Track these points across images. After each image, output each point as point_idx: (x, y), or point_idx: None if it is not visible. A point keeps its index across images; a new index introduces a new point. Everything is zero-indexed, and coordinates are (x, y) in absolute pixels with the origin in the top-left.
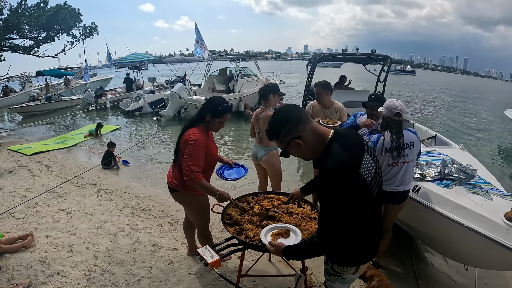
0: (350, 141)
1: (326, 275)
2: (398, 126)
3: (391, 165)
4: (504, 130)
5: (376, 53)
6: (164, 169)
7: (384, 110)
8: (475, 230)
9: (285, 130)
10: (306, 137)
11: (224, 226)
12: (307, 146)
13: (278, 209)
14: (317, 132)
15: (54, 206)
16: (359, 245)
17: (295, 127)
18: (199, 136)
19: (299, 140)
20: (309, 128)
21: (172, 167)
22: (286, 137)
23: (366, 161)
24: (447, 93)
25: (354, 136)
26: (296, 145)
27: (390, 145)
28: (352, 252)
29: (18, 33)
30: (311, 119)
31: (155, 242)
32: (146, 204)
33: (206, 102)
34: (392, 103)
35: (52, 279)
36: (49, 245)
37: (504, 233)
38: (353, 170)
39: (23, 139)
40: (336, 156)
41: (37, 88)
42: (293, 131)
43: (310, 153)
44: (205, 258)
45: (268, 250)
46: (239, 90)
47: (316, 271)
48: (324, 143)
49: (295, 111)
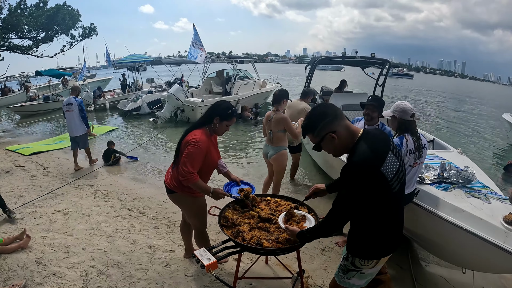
0: (377, 141)
1: (341, 273)
2: (415, 126)
3: (412, 166)
4: (502, 133)
5: (375, 57)
6: (160, 170)
7: (399, 114)
8: (474, 233)
9: (322, 124)
10: (340, 132)
11: (221, 228)
12: (340, 141)
13: (275, 211)
14: (349, 129)
15: (51, 206)
16: (380, 236)
17: (331, 122)
18: (202, 138)
19: (334, 134)
20: (343, 124)
21: (171, 168)
22: (322, 131)
23: (390, 159)
24: (444, 96)
25: (382, 136)
26: (330, 139)
27: (413, 146)
28: (373, 243)
29: (17, 33)
30: (345, 117)
31: (151, 244)
32: (143, 206)
33: (215, 105)
34: (405, 105)
35: (48, 280)
36: (46, 246)
37: (502, 236)
38: (375, 169)
39: (20, 139)
40: (362, 154)
41: (35, 88)
42: (329, 126)
43: (342, 149)
44: (202, 261)
45: (265, 253)
46: (236, 92)
47: (313, 274)
48: (353, 140)
49: (332, 108)
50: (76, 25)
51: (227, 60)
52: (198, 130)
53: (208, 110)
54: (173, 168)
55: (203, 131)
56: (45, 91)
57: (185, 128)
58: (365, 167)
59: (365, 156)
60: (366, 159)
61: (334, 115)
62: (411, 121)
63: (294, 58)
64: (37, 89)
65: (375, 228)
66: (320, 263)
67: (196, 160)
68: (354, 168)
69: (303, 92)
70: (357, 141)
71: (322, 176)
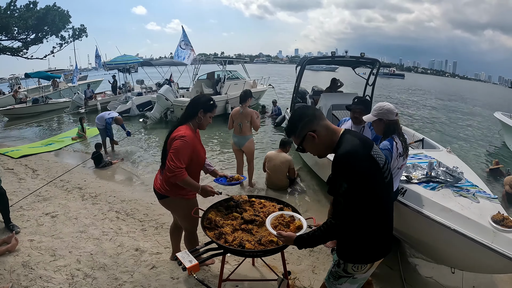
0: (360, 136)
1: (332, 279)
2: (399, 127)
3: (400, 168)
4: (493, 132)
5: (365, 57)
6: (149, 171)
7: (385, 115)
8: (462, 233)
9: (301, 125)
10: (319, 131)
11: (203, 230)
12: (321, 140)
13: (259, 212)
14: (330, 128)
15: (38, 209)
16: (373, 236)
17: (310, 122)
18: (187, 133)
19: (313, 134)
20: (323, 124)
21: (159, 172)
22: (302, 131)
23: (376, 150)
24: (434, 95)
25: (362, 135)
26: (311, 139)
27: (402, 149)
28: (367, 245)
29: (7, 35)
30: (325, 118)
31: (138, 246)
32: (131, 208)
33: (195, 99)
34: (389, 106)
35: (34, 283)
36: (33, 249)
37: (491, 236)
38: (365, 152)
39: (9, 141)
40: (348, 141)
41: (25, 90)
42: (308, 126)
43: (325, 148)
44: (184, 263)
45: (248, 255)
46: (225, 92)
47: (300, 275)
48: (335, 138)
49: (310, 109)
50: (66, 27)
51: (216, 60)
52: (182, 126)
53: (190, 106)
54: (161, 172)
55: (187, 127)
56: (35, 93)
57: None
58: (356, 151)
59: (353, 143)
60: (355, 144)
61: (312, 115)
62: (396, 121)
63: (286, 58)
64: (26, 91)
65: (368, 228)
66: (307, 264)
67: (183, 154)
68: (346, 156)
69: (282, 142)
70: (340, 137)
71: (312, 176)
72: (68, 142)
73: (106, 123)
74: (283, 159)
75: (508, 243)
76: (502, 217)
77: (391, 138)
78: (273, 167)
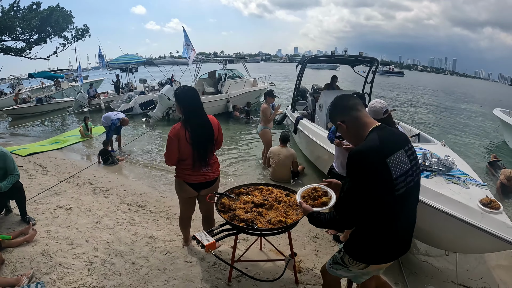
0: (390, 134)
1: (331, 262)
2: (392, 121)
3: None
4: (492, 128)
5: (363, 55)
6: (155, 167)
7: (373, 115)
8: (453, 215)
9: (334, 114)
10: (349, 122)
11: (218, 213)
12: (350, 130)
13: (267, 198)
14: (361, 121)
15: (52, 203)
16: (372, 239)
17: (341, 112)
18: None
19: (342, 124)
20: (354, 115)
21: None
22: (334, 119)
23: (399, 156)
24: (431, 93)
25: (399, 134)
26: (341, 128)
27: None
28: (364, 245)
29: (10, 35)
30: (361, 109)
31: (152, 234)
32: (141, 201)
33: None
34: (375, 107)
35: (54, 270)
36: (50, 239)
37: (479, 217)
38: (379, 156)
39: (15, 141)
40: (368, 141)
41: (28, 91)
42: (339, 115)
43: (353, 138)
44: (202, 241)
45: (259, 234)
46: (226, 91)
47: (305, 259)
48: (365, 131)
49: (345, 99)
50: (69, 27)
51: (217, 60)
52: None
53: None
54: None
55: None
56: (38, 93)
57: None
58: (369, 153)
59: (371, 143)
60: (372, 146)
61: (344, 106)
62: (386, 118)
63: (286, 57)
64: (30, 91)
65: (369, 230)
66: (311, 249)
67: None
68: (357, 155)
69: (283, 138)
70: (368, 133)
71: (313, 170)
72: (73, 140)
73: (112, 124)
74: (287, 153)
75: (495, 223)
76: (490, 200)
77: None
78: (277, 162)
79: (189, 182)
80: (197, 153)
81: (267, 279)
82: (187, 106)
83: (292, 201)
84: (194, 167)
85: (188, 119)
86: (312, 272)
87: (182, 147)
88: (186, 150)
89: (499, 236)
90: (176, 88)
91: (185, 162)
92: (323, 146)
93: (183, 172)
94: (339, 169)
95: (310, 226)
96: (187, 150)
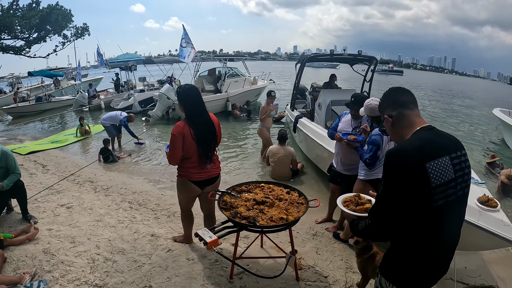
0: (437, 137)
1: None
2: None
3: None
4: (491, 127)
5: (362, 54)
6: (156, 165)
7: (370, 112)
8: None
9: (383, 106)
10: (396, 118)
11: (220, 210)
12: (395, 127)
13: (268, 195)
14: (407, 120)
15: (53, 201)
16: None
17: (390, 106)
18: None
19: (389, 119)
20: (402, 113)
21: (204, 162)
22: (382, 112)
23: (443, 163)
24: (431, 91)
25: (448, 137)
26: (387, 122)
27: None
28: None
29: (10, 34)
30: (411, 107)
31: (153, 232)
32: (142, 199)
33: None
34: (371, 104)
35: (57, 268)
36: (52, 237)
37: (477, 215)
38: (417, 159)
39: (15, 139)
40: (409, 141)
41: (27, 89)
42: (388, 109)
43: (396, 135)
44: (204, 238)
45: (260, 230)
46: (226, 90)
47: (305, 256)
48: (408, 133)
49: (397, 93)
50: (68, 25)
51: (217, 58)
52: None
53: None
54: (209, 159)
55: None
56: (38, 91)
57: None
58: (405, 154)
59: (410, 144)
60: (410, 146)
61: (393, 101)
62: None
63: (285, 55)
64: (29, 90)
65: (403, 245)
66: (311, 246)
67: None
68: (392, 155)
69: (281, 137)
70: (415, 132)
71: (313, 168)
72: (73, 138)
73: (123, 123)
74: (286, 152)
75: (493, 221)
76: (487, 199)
77: (383, 127)
78: (277, 160)
79: (194, 180)
80: (202, 150)
81: (269, 276)
82: (190, 104)
83: (293, 199)
84: (200, 164)
85: (192, 117)
86: (313, 269)
87: (187, 145)
88: (191, 148)
89: (496, 233)
90: (178, 87)
91: (190, 160)
92: (323, 144)
93: (188, 170)
94: (338, 166)
95: (311, 224)
96: (192, 147)
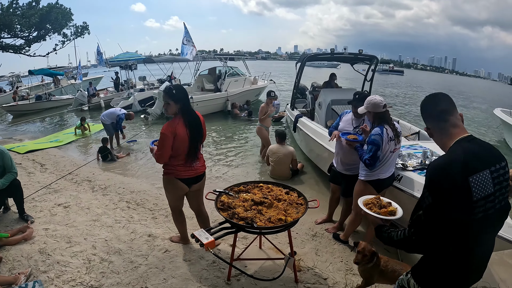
0: (478, 149)
1: (396, 286)
2: (389, 115)
3: (392, 151)
4: (493, 128)
5: (363, 53)
6: (154, 165)
7: (371, 108)
8: None
9: (422, 116)
10: (434, 130)
11: (217, 211)
12: (435, 137)
13: (267, 196)
14: (443, 132)
15: (50, 201)
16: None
17: (426, 118)
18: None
19: (428, 130)
20: (439, 125)
21: (192, 159)
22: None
23: (483, 177)
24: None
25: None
26: (428, 132)
27: (392, 134)
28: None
29: (9, 32)
30: (448, 119)
31: (150, 232)
32: (140, 198)
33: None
34: (374, 100)
35: (52, 268)
36: (48, 237)
37: None
38: (461, 173)
39: (14, 138)
40: (450, 154)
41: (27, 88)
42: (425, 121)
43: (438, 144)
44: (201, 240)
45: (258, 232)
46: (225, 89)
47: (305, 257)
48: (448, 143)
49: (433, 104)
50: (68, 24)
51: (217, 57)
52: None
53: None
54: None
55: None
56: (38, 90)
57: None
58: (450, 169)
59: (453, 157)
60: (453, 160)
61: (429, 113)
62: (384, 112)
63: (285, 55)
64: (29, 88)
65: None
66: (311, 247)
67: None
68: (437, 170)
69: (280, 136)
70: (452, 144)
71: (312, 168)
72: (72, 138)
73: (119, 118)
74: (286, 151)
75: None
76: None
77: (381, 126)
78: (277, 160)
79: (181, 178)
80: (192, 147)
81: (267, 277)
82: (186, 103)
83: (292, 199)
84: (187, 162)
85: (185, 116)
86: (312, 271)
87: (178, 144)
88: (182, 146)
89: (500, 235)
90: (167, 87)
91: (177, 158)
92: (323, 144)
93: (175, 168)
94: (338, 166)
95: (310, 224)
96: (182, 146)
